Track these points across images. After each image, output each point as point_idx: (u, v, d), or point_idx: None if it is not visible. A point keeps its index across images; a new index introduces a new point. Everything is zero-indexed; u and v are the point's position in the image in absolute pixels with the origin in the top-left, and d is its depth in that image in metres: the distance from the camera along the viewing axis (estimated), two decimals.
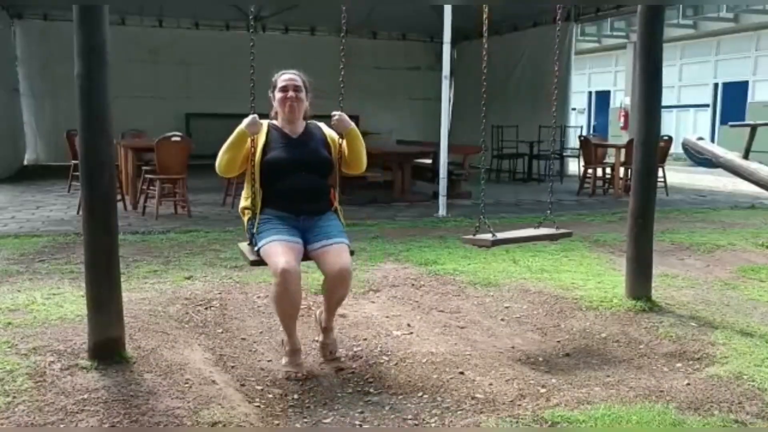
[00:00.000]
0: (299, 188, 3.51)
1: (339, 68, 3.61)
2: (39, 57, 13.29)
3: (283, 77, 3.61)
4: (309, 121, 3.71)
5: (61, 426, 2.73)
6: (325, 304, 3.62)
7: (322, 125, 3.75)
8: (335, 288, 3.46)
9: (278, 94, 3.58)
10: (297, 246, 3.42)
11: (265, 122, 3.61)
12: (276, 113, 3.66)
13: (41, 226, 7.36)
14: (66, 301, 4.39)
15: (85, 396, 2.97)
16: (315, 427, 2.90)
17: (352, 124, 3.61)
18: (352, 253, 3.59)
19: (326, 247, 3.43)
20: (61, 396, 2.96)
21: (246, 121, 3.47)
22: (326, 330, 3.69)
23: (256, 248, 3.46)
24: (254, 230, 3.49)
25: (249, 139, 3.49)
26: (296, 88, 3.58)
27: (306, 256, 3.45)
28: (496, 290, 4.93)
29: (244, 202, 3.63)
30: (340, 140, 3.63)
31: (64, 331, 3.76)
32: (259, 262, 3.47)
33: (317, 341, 3.77)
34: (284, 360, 3.49)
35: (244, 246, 3.63)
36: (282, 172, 3.50)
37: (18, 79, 13.29)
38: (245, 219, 3.62)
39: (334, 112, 3.58)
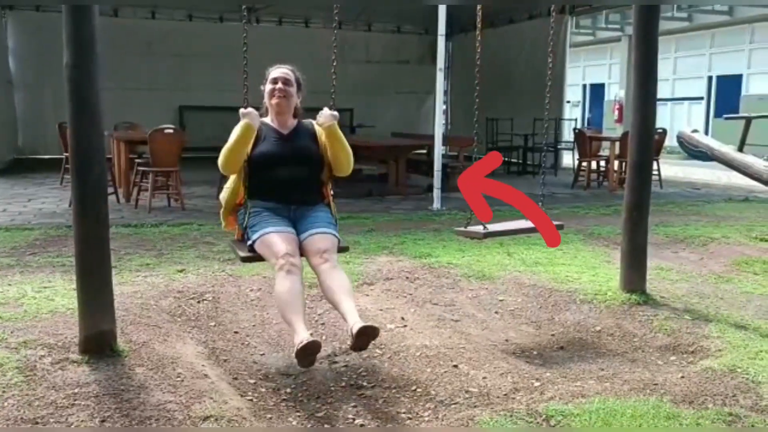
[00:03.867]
0: (289, 178, 3.51)
1: (331, 61, 3.56)
2: (31, 48, 13.14)
3: (275, 70, 3.59)
4: (302, 120, 3.69)
5: (51, 420, 2.71)
6: (336, 305, 3.23)
7: (314, 122, 3.69)
8: (325, 276, 3.25)
9: (267, 86, 3.57)
10: (292, 236, 3.40)
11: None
12: (267, 110, 3.63)
13: (33, 218, 7.30)
14: (57, 294, 4.35)
15: (76, 390, 2.95)
16: (306, 426, 2.88)
17: (333, 121, 3.50)
18: (345, 249, 3.61)
19: (312, 235, 3.40)
20: (51, 390, 2.94)
21: (247, 115, 3.41)
22: (354, 323, 3.06)
23: (248, 243, 3.42)
24: (244, 224, 3.48)
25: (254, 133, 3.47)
26: (286, 82, 3.55)
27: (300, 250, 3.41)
28: (490, 283, 4.91)
29: (226, 193, 3.61)
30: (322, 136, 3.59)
31: (54, 324, 3.73)
32: (252, 258, 3.43)
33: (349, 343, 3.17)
34: (296, 361, 3.05)
35: (234, 242, 3.61)
36: (271, 166, 3.49)
37: (10, 71, 13.19)
38: (223, 210, 3.62)
39: (324, 108, 3.55)
